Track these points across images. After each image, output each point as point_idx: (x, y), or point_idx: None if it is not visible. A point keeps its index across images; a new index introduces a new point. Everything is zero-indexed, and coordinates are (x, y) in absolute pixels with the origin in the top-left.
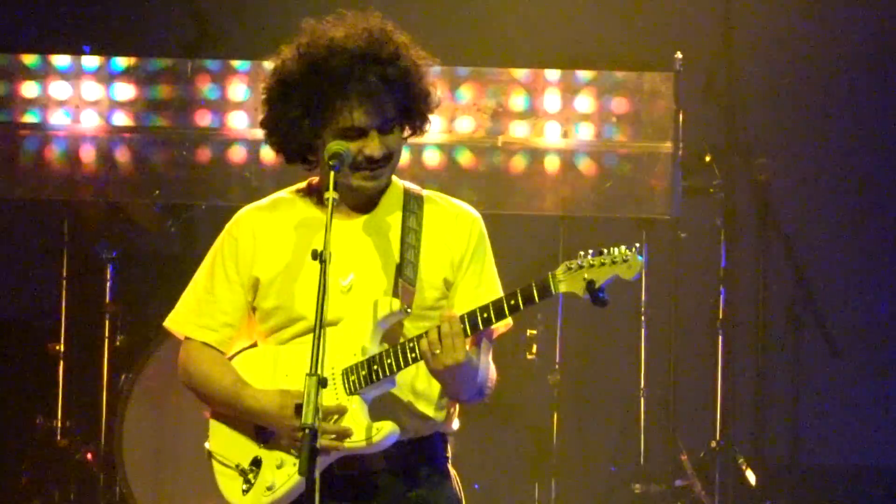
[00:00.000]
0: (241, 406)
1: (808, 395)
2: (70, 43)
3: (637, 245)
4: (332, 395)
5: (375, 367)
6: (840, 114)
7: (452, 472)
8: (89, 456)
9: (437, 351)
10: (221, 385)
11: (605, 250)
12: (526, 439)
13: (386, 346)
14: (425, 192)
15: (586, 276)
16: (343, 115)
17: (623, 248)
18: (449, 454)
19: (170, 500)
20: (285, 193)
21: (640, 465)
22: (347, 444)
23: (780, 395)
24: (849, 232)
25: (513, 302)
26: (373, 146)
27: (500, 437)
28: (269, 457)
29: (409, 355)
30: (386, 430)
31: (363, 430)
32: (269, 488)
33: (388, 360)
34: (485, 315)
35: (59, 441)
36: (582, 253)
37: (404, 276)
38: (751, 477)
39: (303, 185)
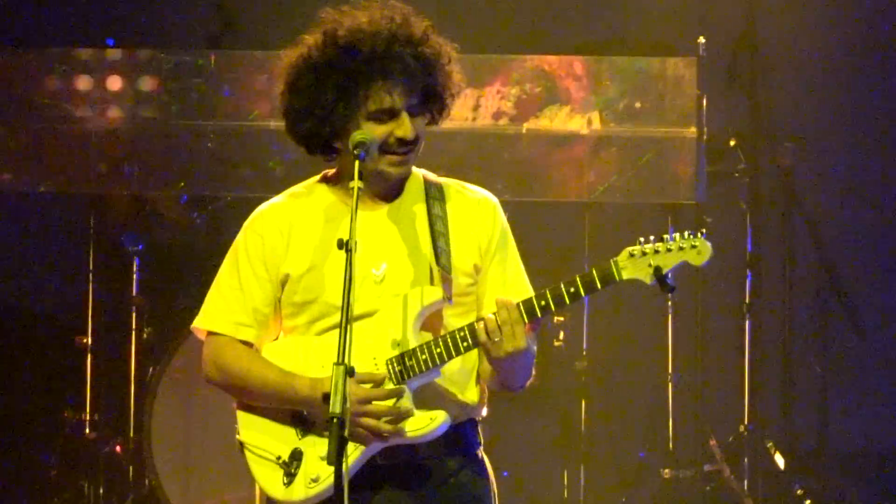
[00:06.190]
0: (294, 395)
1: (835, 378)
2: (93, 36)
3: (703, 230)
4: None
5: (424, 356)
6: (864, 96)
7: (485, 458)
8: (118, 448)
9: (497, 339)
10: (266, 377)
11: (668, 237)
12: (554, 426)
13: (428, 335)
14: (442, 180)
15: (652, 262)
16: (379, 96)
17: (687, 233)
18: (481, 440)
19: (199, 491)
20: (300, 188)
21: (669, 450)
22: (408, 433)
23: (807, 379)
24: (874, 215)
25: (573, 290)
26: (405, 127)
27: (529, 423)
28: (311, 448)
29: (460, 344)
30: (441, 418)
31: (417, 419)
32: (314, 480)
33: (438, 350)
34: (542, 303)
35: (88, 434)
36: (642, 239)
37: (441, 265)
38: (779, 461)
39: (317, 177)
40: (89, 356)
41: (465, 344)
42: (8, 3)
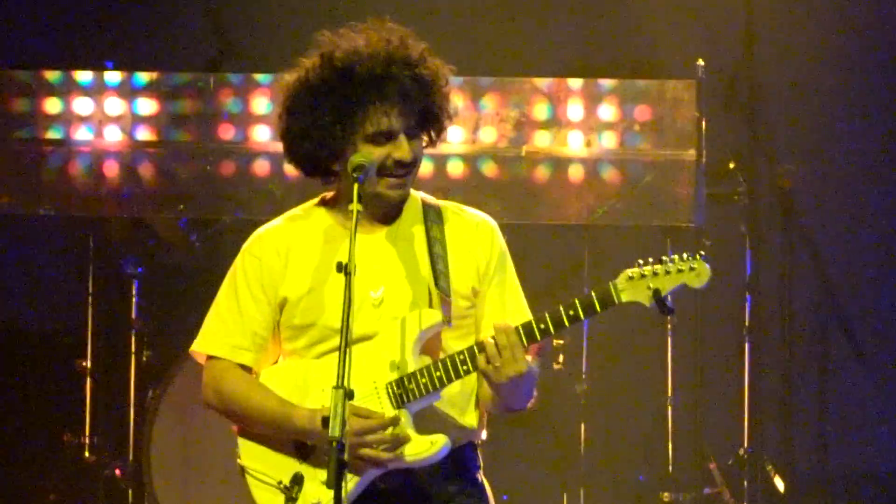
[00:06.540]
0: (292, 426)
1: (835, 401)
2: (92, 58)
3: (702, 252)
4: (379, 410)
5: (423, 380)
6: (863, 118)
7: (485, 481)
8: (117, 472)
9: (498, 364)
10: (265, 406)
11: (667, 258)
12: (554, 449)
13: (428, 358)
14: (440, 202)
15: (651, 284)
16: (377, 118)
17: (686, 255)
18: (480, 463)
19: None
20: (298, 211)
21: (669, 473)
22: (408, 458)
23: (807, 402)
24: (874, 237)
25: (571, 312)
26: (403, 150)
27: (528, 446)
28: (313, 473)
29: (460, 368)
30: (441, 442)
31: (417, 443)
32: None
33: (437, 374)
34: (542, 326)
35: (87, 457)
36: (641, 262)
37: (439, 287)
38: (779, 484)
39: (315, 200)
40: (89, 379)
41: (464, 368)
42: (7, 25)
